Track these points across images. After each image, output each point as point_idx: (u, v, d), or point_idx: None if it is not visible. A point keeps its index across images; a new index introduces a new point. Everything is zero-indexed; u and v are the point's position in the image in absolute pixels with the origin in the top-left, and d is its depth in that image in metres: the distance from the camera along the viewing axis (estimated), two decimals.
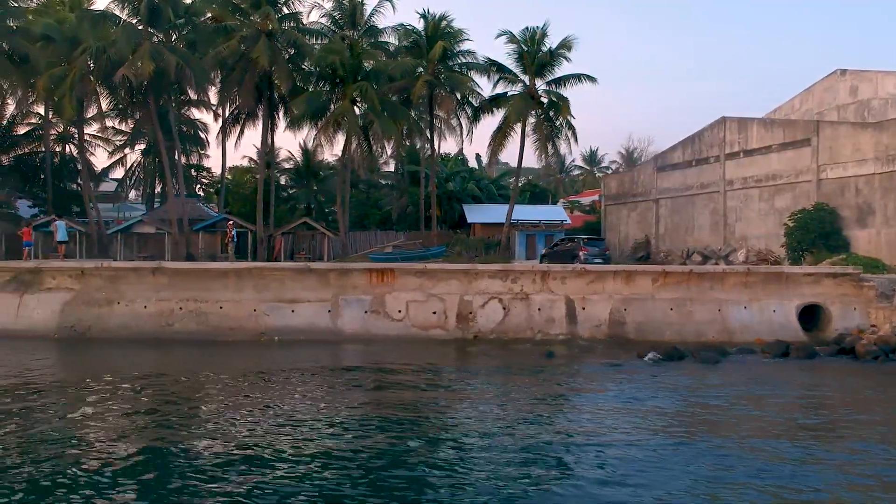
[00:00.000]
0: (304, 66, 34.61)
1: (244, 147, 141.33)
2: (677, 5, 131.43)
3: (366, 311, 20.57)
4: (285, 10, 33.48)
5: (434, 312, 20.61)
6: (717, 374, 16.16)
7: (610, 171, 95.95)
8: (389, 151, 37.58)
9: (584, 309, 20.70)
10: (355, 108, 32.66)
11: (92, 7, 31.29)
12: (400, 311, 20.57)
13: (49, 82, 29.94)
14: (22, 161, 44.01)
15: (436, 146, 40.73)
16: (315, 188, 51.43)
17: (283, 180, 53.65)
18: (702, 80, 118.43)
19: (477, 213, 45.66)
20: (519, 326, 20.55)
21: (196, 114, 46.05)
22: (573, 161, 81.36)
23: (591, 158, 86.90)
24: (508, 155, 74.69)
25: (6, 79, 31.18)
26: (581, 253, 28.92)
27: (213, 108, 43.89)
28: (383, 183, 54.88)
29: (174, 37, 34.23)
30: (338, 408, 12.66)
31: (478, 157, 54.43)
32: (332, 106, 32.99)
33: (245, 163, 55.46)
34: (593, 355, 18.55)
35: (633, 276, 21.08)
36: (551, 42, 33.51)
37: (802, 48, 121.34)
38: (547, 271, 21.03)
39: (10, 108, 41.60)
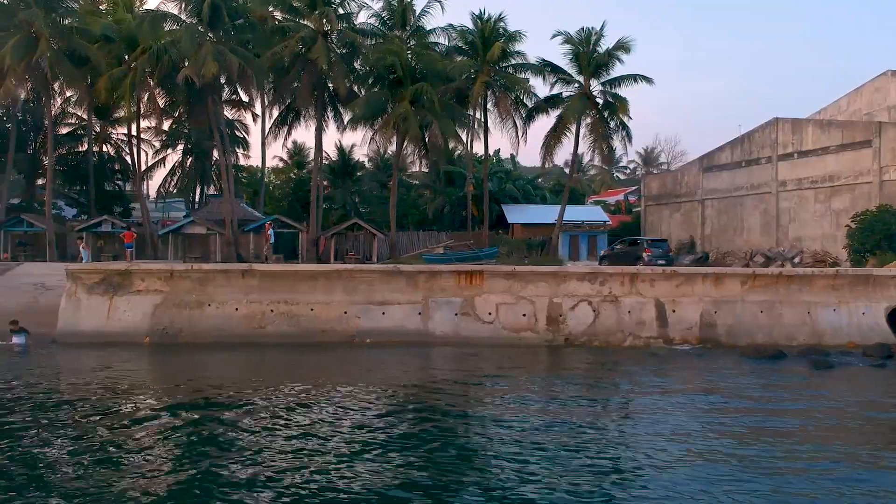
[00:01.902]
0: (356, 67, 34.51)
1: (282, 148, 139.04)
2: (693, 4, 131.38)
3: (456, 314, 20.50)
4: (340, 11, 33.36)
5: (524, 315, 20.55)
6: (858, 383, 15.84)
7: (627, 171, 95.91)
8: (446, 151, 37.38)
9: (674, 311, 20.64)
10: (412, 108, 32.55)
11: (151, 7, 31.19)
12: (490, 314, 20.51)
13: (109, 83, 29.88)
14: (62, 161, 44.01)
15: (475, 147, 40.78)
16: (351, 188, 51.38)
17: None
18: (712, 80, 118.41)
19: (517, 214, 45.62)
20: (609, 329, 20.49)
21: (228, 113, 46.02)
22: (590, 161, 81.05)
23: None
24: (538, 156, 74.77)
25: (69, 79, 31.06)
26: (645, 254, 28.96)
27: (252, 108, 44.00)
28: (415, 183, 54.86)
29: (221, 36, 34.18)
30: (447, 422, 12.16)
31: (512, 157, 54.32)
32: (389, 107, 32.81)
33: (274, 163, 55.45)
34: (702, 359, 18.46)
35: (722, 279, 21.03)
36: (606, 43, 33.54)
37: (816, 50, 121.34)
38: (636, 274, 20.98)
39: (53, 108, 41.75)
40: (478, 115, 37.10)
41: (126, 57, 33.26)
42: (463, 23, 37.04)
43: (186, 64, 29.97)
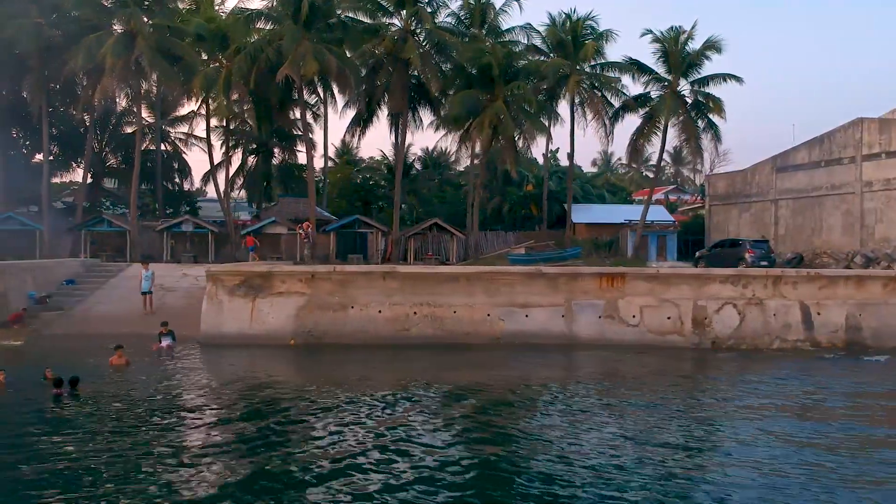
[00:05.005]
0: (441, 65, 34.25)
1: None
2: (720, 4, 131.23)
3: (599, 316, 20.33)
4: (428, 10, 33.11)
5: (668, 318, 20.36)
6: None
7: (655, 170, 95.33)
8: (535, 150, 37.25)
9: (818, 314, 20.47)
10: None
11: (244, 6, 30.94)
12: (634, 317, 20.32)
13: (205, 81, 29.67)
14: (127, 160, 43.68)
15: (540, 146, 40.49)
16: (407, 188, 51.07)
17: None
18: None
19: (581, 213, 45.27)
20: (756, 332, 20.32)
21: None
22: (619, 160, 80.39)
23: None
24: (585, 155, 74.78)
25: (165, 77, 30.81)
26: (748, 255, 28.76)
27: (313, 108, 43.71)
28: (464, 183, 54.49)
29: (314, 35, 33.88)
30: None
31: (569, 155, 53.93)
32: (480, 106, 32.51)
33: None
34: (872, 366, 18.17)
35: (864, 281, 20.88)
36: (694, 42, 33.35)
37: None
38: (780, 276, 20.82)
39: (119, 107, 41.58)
40: (571, 115, 36.89)
41: (205, 56, 33.06)
42: (533, 22, 36.90)
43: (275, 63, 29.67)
